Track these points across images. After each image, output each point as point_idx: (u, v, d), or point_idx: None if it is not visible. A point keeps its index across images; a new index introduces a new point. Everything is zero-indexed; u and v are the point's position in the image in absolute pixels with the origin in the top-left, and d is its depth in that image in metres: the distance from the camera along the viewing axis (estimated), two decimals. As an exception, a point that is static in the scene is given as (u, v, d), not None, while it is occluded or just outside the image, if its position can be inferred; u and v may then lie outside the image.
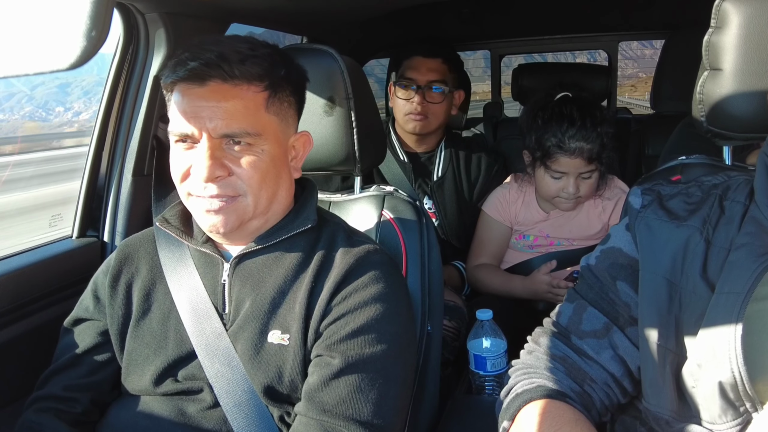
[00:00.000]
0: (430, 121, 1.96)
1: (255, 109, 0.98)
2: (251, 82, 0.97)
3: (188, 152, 0.98)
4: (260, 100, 0.98)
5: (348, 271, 1.02)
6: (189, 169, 0.99)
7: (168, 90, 1.00)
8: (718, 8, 1.04)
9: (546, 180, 1.77)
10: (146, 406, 1.04)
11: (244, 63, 0.96)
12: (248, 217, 1.02)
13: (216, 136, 0.96)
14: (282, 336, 1.01)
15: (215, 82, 0.95)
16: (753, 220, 0.85)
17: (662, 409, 0.84)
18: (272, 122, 1.01)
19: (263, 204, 1.02)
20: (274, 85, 1.00)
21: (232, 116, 0.95)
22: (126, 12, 1.37)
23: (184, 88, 0.96)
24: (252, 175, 0.98)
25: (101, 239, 1.46)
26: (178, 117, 0.97)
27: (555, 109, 1.72)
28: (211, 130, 0.95)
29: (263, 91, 0.99)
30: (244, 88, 0.97)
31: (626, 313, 0.91)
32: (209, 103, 0.95)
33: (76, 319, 1.12)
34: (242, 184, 0.99)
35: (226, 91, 0.95)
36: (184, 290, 1.06)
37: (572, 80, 2.62)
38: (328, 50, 1.27)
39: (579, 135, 1.66)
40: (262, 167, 0.99)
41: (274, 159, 1.01)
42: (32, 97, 4.72)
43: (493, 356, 1.41)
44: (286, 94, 1.03)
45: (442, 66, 1.98)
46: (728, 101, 1.05)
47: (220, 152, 0.97)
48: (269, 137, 1.00)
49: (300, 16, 1.85)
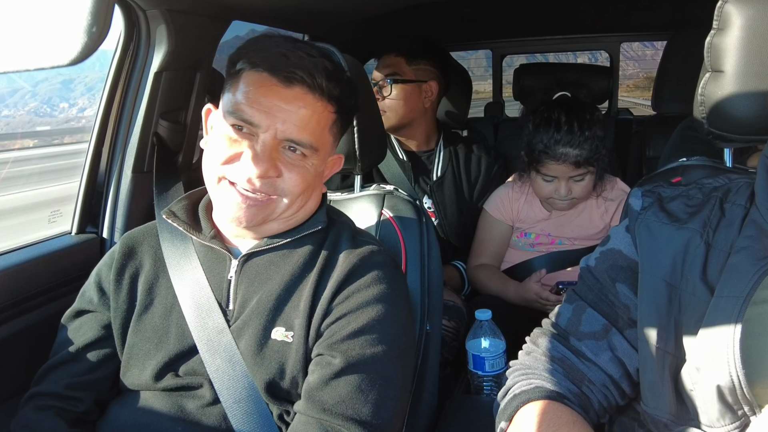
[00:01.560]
0: (388, 116, 1.95)
1: (324, 126, 1.02)
2: (329, 100, 1.01)
3: (242, 140, 0.98)
4: (330, 119, 1.03)
5: (351, 270, 1.03)
6: (238, 155, 0.99)
7: (242, 69, 0.99)
8: (720, 10, 1.04)
9: (538, 182, 1.79)
10: (146, 402, 1.04)
11: (330, 80, 0.99)
12: (274, 217, 1.04)
13: (281, 138, 0.98)
14: (286, 333, 1.01)
15: (301, 87, 0.98)
16: (753, 224, 0.85)
17: (660, 411, 0.84)
18: (329, 142, 1.05)
19: (293, 210, 1.05)
20: (343, 110, 1.05)
21: (305, 125, 0.98)
22: (127, 8, 1.37)
23: (266, 79, 0.97)
24: (297, 184, 1.01)
25: (100, 236, 1.46)
26: (248, 105, 0.97)
27: (544, 113, 1.73)
28: (279, 131, 0.97)
29: (334, 113, 1.03)
30: (322, 104, 1.00)
31: (625, 315, 0.91)
32: (288, 106, 0.97)
33: (78, 311, 1.12)
34: (285, 188, 1.01)
35: (308, 102, 0.98)
36: (187, 285, 1.06)
37: (573, 80, 2.62)
38: (329, 48, 1.27)
39: (564, 140, 1.67)
40: (307, 179, 1.02)
41: (317, 173, 1.06)
42: (35, 93, 4.73)
43: (492, 356, 1.41)
44: (344, 120, 1.08)
45: (395, 59, 1.98)
46: (730, 103, 1.05)
47: (276, 153, 0.99)
48: (322, 154, 1.04)
49: (301, 13, 1.85)
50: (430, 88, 2.00)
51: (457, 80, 2.30)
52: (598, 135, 1.69)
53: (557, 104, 1.75)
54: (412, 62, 1.98)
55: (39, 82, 4.60)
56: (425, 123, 2.05)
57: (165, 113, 1.46)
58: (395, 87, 1.95)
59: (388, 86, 1.95)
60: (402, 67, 1.97)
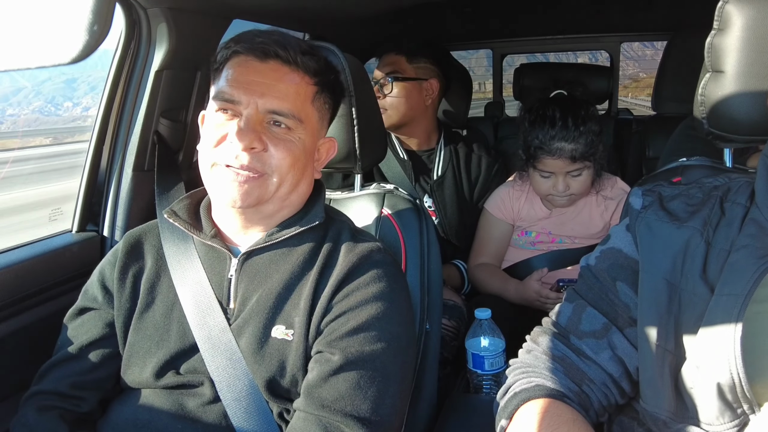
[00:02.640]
0: (390, 114, 1.96)
1: (304, 97, 1.04)
2: (306, 73, 1.04)
3: (228, 122, 1.01)
4: (310, 91, 1.05)
5: (351, 268, 1.03)
6: (225, 136, 1.01)
7: (223, 60, 1.04)
8: (720, 10, 1.04)
9: (536, 179, 1.81)
10: (146, 400, 1.04)
11: (305, 54, 1.03)
12: (268, 197, 1.04)
13: (262, 111, 1.00)
14: (286, 331, 1.01)
15: (276, 61, 1.01)
16: (753, 222, 0.85)
17: (660, 409, 0.85)
18: (313, 116, 1.07)
19: (286, 189, 1.05)
20: (323, 83, 1.07)
21: (284, 96, 1.01)
22: (128, 7, 1.37)
23: (243, 59, 1.02)
24: (284, 157, 1.02)
25: (101, 234, 1.46)
26: (228, 85, 1.01)
27: (539, 111, 1.76)
28: (260, 104, 1.00)
29: (314, 85, 1.05)
30: (299, 75, 1.03)
31: (625, 314, 0.91)
32: (266, 79, 1.00)
33: (81, 308, 1.12)
34: (273, 162, 1.01)
35: (284, 73, 1.02)
36: (188, 284, 1.06)
37: (571, 80, 2.62)
38: (330, 47, 1.27)
39: (559, 135, 1.69)
40: (295, 152, 1.03)
41: (306, 150, 1.06)
42: (39, 92, 4.75)
43: (491, 355, 1.41)
44: (328, 97, 1.10)
45: (395, 58, 2.00)
46: (730, 103, 1.05)
47: (260, 127, 1.00)
48: (307, 128, 1.05)
49: (302, 12, 1.85)
50: (431, 86, 2.01)
51: (457, 79, 2.30)
52: (593, 130, 1.71)
53: (552, 101, 1.78)
54: (413, 60, 1.99)
55: (43, 81, 4.62)
56: (426, 122, 2.06)
57: (166, 112, 1.46)
58: (396, 85, 1.95)
59: (389, 84, 1.95)
60: (403, 66, 1.98)
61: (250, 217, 1.07)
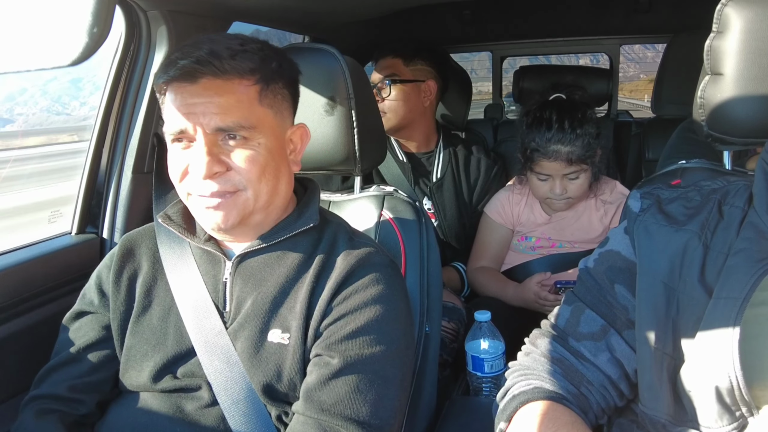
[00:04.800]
0: (389, 117, 1.96)
1: (248, 103, 0.98)
2: (243, 76, 0.97)
3: (185, 152, 0.99)
4: (253, 93, 0.99)
5: (349, 271, 1.02)
6: (187, 168, 0.99)
7: (161, 92, 1.00)
8: (720, 13, 1.04)
9: (534, 182, 1.81)
10: (144, 403, 1.04)
11: (235, 58, 0.97)
12: (249, 212, 1.01)
13: (210, 132, 0.96)
14: (282, 335, 1.01)
15: (207, 78, 0.95)
16: (751, 226, 0.85)
17: (659, 412, 0.85)
18: (267, 115, 1.01)
19: (264, 198, 1.02)
20: (266, 78, 1.00)
21: (226, 110, 0.96)
22: (128, 9, 1.37)
23: (176, 87, 0.97)
24: (250, 169, 0.98)
25: (100, 236, 1.46)
26: (172, 115, 0.98)
27: (537, 113, 1.76)
28: (205, 125, 0.96)
29: (255, 84, 0.99)
30: (236, 83, 0.97)
31: (624, 316, 0.91)
32: (202, 99, 0.95)
33: (78, 312, 1.12)
34: (241, 178, 0.99)
35: (219, 86, 0.96)
36: (185, 287, 1.06)
37: (571, 83, 2.62)
38: (329, 50, 1.27)
39: (556, 138, 1.69)
40: (260, 160, 0.99)
41: (272, 152, 1.01)
42: (46, 92, 4.76)
43: (491, 358, 1.41)
44: (279, 87, 1.03)
45: (392, 61, 2.00)
46: (729, 106, 1.05)
47: (217, 148, 0.97)
48: (265, 130, 1.00)
49: (302, 15, 1.85)
50: (429, 87, 2.02)
51: (456, 81, 2.30)
52: (590, 133, 1.71)
53: (550, 104, 1.78)
54: (410, 63, 2.00)
55: (48, 81, 4.63)
56: (425, 124, 2.06)
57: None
58: (394, 88, 1.96)
59: (387, 87, 1.96)
60: (400, 68, 1.99)
61: (240, 230, 1.05)
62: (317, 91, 1.25)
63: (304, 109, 1.13)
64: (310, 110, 1.24)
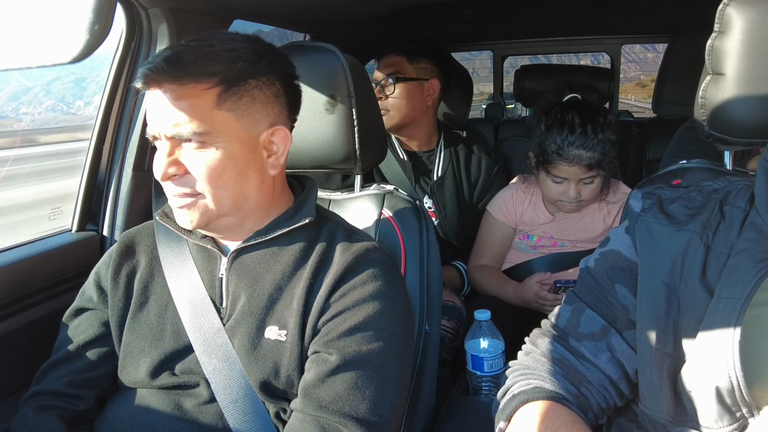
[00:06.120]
0: (391, 115, 1.96)
1: (205, 107, 0.96)
2: (200, 80, 0.95)
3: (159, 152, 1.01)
4: (210, 97, 0.96)
5: (347, 268, 1.02)
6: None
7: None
8: (721, 13, 1.04)
9: (548, 184, 1.78)
10: (143, 400, 1.04)
11: (196, 62, 0.95)
12: (214, 215, 1.01)
13: (170, 136, 0.97)
14: (279, 332, 1.01)
15: (168, 83, 0.95)
16: (753, 226, 0.85)
17: (659, 412, 0.85)
18: (227, 119, 0.97)
19: (227, 203, 1.01)
20: (227, 80, 0.97)
21: (179, 117, 0.95)
22: (129, 7, 1.37)
23: (150, 92, 0.98)
24: (205, 174, 0.98)
25: (101, 233, 1.46)
26: (147, 118, 1.00)
27: (557, 114, 1.72)
28: (163, 130, 0.97)
29: (214, 87, 0.96)
30: (191, 87, 0.95)
31: (624, 317, 0.91)
32: (161, 105, 0.96)
33: (78, 309, 1.12)
34: (198, 183, 0.98)
35: (175, 91, 0.95)
36: (182, 285, 1.06)
37: (578, 83, 2.63)
38: (330, 48, 1.27)
39: (578, 143, 1.66)
40: (216, 166, 0.97)
41: (233, 157, 0.98)
42: (49, 91, 4.77)
43: (491, 357, 1.41)
44: (246, 88, 0.99)
45: (396, 58, 1.99)
46: (730, 106, 1.05)
47: (178, 150, 0.98)
48: (223, 135, 0.97)
49: (303, 13, 1.85)
50: (432, 86, 2.01)
51: (458, 80, 2.30)
52: (610, 138, 1.68)
53: (570, 106, 1.74)
54: (413, 61, 1.99)
55: (51, 80, 4.64)
56: (426, 122, 2.06)
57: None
58: (398, 86, 1.96)
59: (390, 85, 1.96)
60: (404, 66, 1.98)
61: (227, 229, 1.06)
62: (318, 89, 1.25)
63: (305, 108, 1.13)
64: (310, 108, 1.24)
